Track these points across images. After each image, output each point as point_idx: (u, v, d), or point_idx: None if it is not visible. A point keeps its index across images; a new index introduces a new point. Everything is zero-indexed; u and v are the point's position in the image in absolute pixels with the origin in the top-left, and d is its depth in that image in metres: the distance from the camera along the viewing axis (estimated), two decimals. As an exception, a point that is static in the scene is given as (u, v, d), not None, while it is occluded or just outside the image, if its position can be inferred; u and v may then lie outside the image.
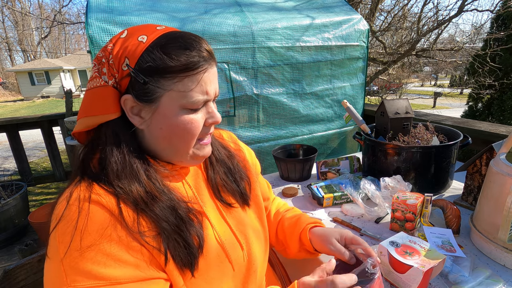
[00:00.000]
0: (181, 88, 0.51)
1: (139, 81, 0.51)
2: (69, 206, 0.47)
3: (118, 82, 0.52)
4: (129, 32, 0.53)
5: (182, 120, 0.53)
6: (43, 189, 3.94)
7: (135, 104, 0.53)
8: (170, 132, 0.54)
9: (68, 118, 2.74)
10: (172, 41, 0.51)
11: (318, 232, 0.74)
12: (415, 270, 0.68)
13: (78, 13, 31.80)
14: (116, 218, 0.48)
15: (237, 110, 1.75)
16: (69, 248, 0.44)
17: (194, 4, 1.73)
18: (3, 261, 2.28)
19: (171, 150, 0.57)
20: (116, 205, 0.49)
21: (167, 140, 0.55)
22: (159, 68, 0.50)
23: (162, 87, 0.51)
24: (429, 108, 13.05)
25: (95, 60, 0.54)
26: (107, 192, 0.50)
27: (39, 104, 17.68)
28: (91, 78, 0.54)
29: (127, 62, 0.51)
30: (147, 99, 0.52)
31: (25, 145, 3.20)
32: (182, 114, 0.53)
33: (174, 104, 0.52)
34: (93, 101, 0.53)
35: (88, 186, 0.50)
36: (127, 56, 0.51)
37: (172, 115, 0.53)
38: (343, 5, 2.14)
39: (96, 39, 1.36)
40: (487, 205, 0.86)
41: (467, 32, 5.85)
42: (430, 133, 1.25)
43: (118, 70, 0.52)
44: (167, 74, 0.50)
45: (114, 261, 0.45)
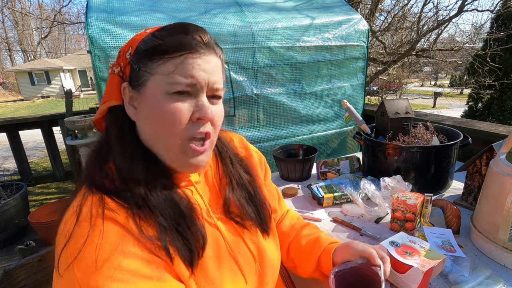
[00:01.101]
0: (164, 70, 0.48)
1: (134, 67, 0.51)
2: (79, 223, 0.45)
3: (122, 71, 0.53)
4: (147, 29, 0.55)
5: (165, 107, 0.49)
6: (43, 189, 3.94)
7: (130, 92, 0.52)
8: (155, 122, 0.50)
9: (68, 118, 2.74)
10: (167, 27, 0.51)
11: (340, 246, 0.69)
12: (415, 270, 0.68)
13: (78, 13, 31.83)
14: (132, 234, 0.46)
15: (237, 110, 1.75)
16: (84, 266, 0.42)
17: (194, 4, 1.73)
18: (3, 261, 2.28)
19: (161, 147, 0.52)
20: (131, 219, 0.47)
21: (154, 133, 0.51)
22: (147, 50, 0.50)
23: (148, 71, 0.49)
24: (429, 108, 13.06)
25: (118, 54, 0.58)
26: (120, 207, 0.48)
27: (39, 104, 17.68)
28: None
29: (130, 51, 0.52)
30: (136, 84, 0.51)
31: (25, 145, 3.20)
32: (166, 101, 0.49)
33: (158, 89, 0.49)
34: (106, 88, 0.56)
35: (99, 201, 0.47)
36: (131, 45, 0.52)
37: (157, 102, 0.49)
38: (343, 5, 2.14)
39: (96, 39, 1.36)
40: (487, 205, 0.86)
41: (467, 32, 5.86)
42: (430, 133, 1.25)
43: (123, 59, 0.53)
44: (153, 56, 0.49)
45: (132, 276, 0.44)
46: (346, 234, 0.99)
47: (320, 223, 1.08)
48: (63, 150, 3.90)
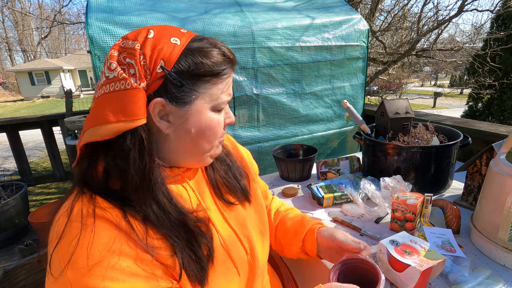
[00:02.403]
0: (215, 91, 0.53)
1: (175, 84, 0.49)
2: (70, 222, 0.45)
3: (148, 85, 0.49)
4: (155, 32, 0.50)
5: (211, 121, 0.54)
6: (43, 189, 3.94)
7: (164, 107, 0.50)
8: (199, 134, 0.54)
9: (68, 118, 2.74)
10: (208, 46, 0.51)
11: (325, 230, 0.76)
12: (412, 269, 0.68)
13: (78, 13, 31.83)
14: (124, 232, 0.46)
15: (237, 110, 1.75)
16: (76, 266, 0.42)
17: (194, 4, 1.73)
18: (3, 261, 2.28)
19: (194, 152, 0.57)
20: (123, 218, 0.47)
21: (193, 143, 0.55)
22: (199, 71, 0.50)
23: (197, 90, 0.51)
24: (429, 108, 13.06)
25: (113, 59, 0.48)
26: (112, 205, 0.48)
27: (39, 104, 17.68)
28: (111, 79, 0.48)
29: (162, 65, 0.48)
30: (181, 102, 0.50)
31: (25, 145, 3.20)
32: (211, 115, 0.54)
33: (205, 107, 0.53)
34: (119, 105, 0.47)
35: (90, 200, 0.47)
36: (163, 58, 0.48)
37: (203, 118, 0.53)
38: (343, 5, 2.14)
39: (96, 39, 1.36)
40: (487, 205, 0.86)
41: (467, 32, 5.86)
42: (430, 133, 1.25)
43: (152, 73, 0.48)
44: (205, 77, 0.51)
45: (125, 275, 0.44)
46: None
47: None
48: (63, 150, 3.91)
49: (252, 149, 1.82)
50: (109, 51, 0.50)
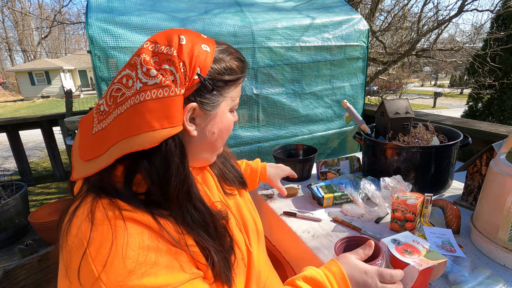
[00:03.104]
0: (234, 94, 0.58)
1: (208, 89, 0.53)
2: (95, 227, 0.43)
3: (186, 91, 0.50)
4: (187, 39, 0.51)
5: (228, 122, 0.60)
6: (43, 189, 3.95)
7: (194, 111, 0.53)
8: (219, 134, 0.59)
9: (68, 118, 2.74)
10: (230, 53, 0.56)
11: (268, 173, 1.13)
12: (411, 268, 0.68)
13: (78, 13, 31.84)
14: (156, 231, 0.46)
15: (236, 110, 1.75)
16: (113, 270, 0.40)
17: (194, 4, 1.73)
18: (3, 261, 2.28)
19: (210, 151, 0.61)
20: (152, 218, 0.46)
21: (214, 143, 0.59)
22: (226, 77, 0.54)
23: (223, 94, 0.56)
24: (429, 108, 13.05)
25: (149, 65, 0.47)
26: (136, 208, 0.46)
27: (39, 104, 17.68)
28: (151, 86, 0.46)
29: (198, 71, 0.50)
30: (211, 106, 0.55)
31: (25, 145, 3.20)
32: (229, 117, 0.60)
33: (226, 109, 0.58)
34: (164, 112, 0.46)
35: (112, 204, 0.45)
36: (199, 65, 0.50)
37: (224, 119, 0.58)
38: (343, 5, 2.14)
39: (96, 39, 1.36)
40: (487, 205, 0.86)
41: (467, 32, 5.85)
42: (430, 133, 1.25)
43: (190, 79, 0.50)
44: (230, 82, 0.56)
45: (165, 269, 0.44)
46: (346, 234, 0.99)
47: (320, 223, 1.08)
48: (63, 150, 3.91)
49: (252, 149, 1.82)
50: (139, 55, 0.48)
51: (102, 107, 0.50)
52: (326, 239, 0.98)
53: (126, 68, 0.50)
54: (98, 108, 0.51)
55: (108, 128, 0.48)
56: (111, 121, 0.48)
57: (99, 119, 0.50)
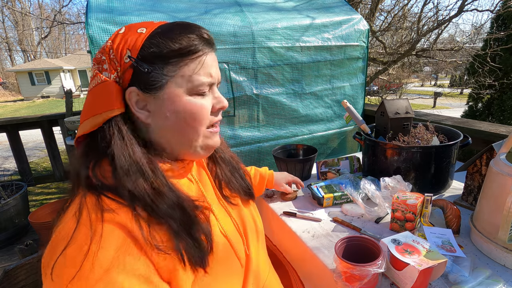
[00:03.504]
0: (186, 72, 0.52)
1: (142, 71, 0.50)
2: (79, 226, 0.44)
3: (120, 76, 0.51)
4: (127, 27, 0.53)
5: (190, 105, 0.53)
6: (43, 189, 3.94)
7: (140, 96, 0.52)
8: (177, 119, 0.53)
9: (68, 118, 2.74)
10: (172, 28, 0.52)
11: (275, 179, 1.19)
12: (410, 268, 0.68)
13: (78, 13, 31.84)
14: (132, 236, 0.45)
15: (237, 110, 1.75)
16: (84, 276, 0.41)
17: (194, 4, 1.73)
18: (3, 261, 2.28)
19: (180, 140, 0.55)
20: (132, 218, 0.46)
21: (175, 129, 0.54)
22: (163, 53, 0.50)
23: (167, 74, 0.51)
24: (429, 108, 13.05)
25: (94, 60, 0.53)
26: (120, 205, 0.47)
27: (39, 104, 17.68)
28: (91, 78, 0.53)
29: (128, 54, 0.50)
30: (153, 88, 0.51)
31: (25, 145, 3.20)
32: (190, 99, 0.53)
33: (180, 90, 0.52)
34: (96, 99, 0.51)
35: (97, 203, 0.46)
36: (128, 48, 0.50)
37: (179, 101, 0.52)
38: (343, 5, 2.14)
39: (96, 39, 1.36)
40: (487, 205, 0.86)
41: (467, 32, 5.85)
42: (430, 133, 1.25)
43: (120, 63, 0.50)
44: (171, 59, 0.50)
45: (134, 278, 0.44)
46: (346, 234, 0.99)
47: (320, 223, 1.08)
48: (63, 150, 3.90)
49: (252, 149, 1.82)
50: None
51: None
52: (326, 239, 0.98)
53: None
54: None
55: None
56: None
57: None
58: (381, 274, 0.77)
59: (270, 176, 1.17)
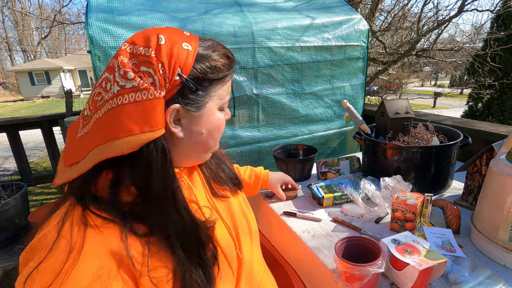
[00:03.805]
0: (222, 93, 0.56)
1: (190, 89, 0.50)
2: (59, 238, 0.42)
3: (166, 93, 0.48)
4: (166, 38, 0.48)
5: (218, 121, 0.57)
6: (43, 189, 3.94)
7: (178, 113, 0.51)
8: (209, 134, 0.56)
9: (68, 118, 2.74)
10: (215, 50, 0.53)
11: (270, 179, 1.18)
12: (410, 268, 0.68)
13: (78, 13, 31.84)
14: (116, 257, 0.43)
15: (236, 110, 1.75)
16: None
17: (194, 4, 1.73)
18: (3, 261, 2.28)
19: (201, 151, 0.59)
20: (119, 238, 0.44)
21: (203, 143, 0.57)
22: (211, 76, 0.52)
23: (209, 94, 0.53)
24: (429, 108, 13.05)
25: (127, 68, 0.46)
26: (107, 221, 0.44)
27: (39, 104, 17.68)
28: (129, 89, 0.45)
29: (179, 72, 0.48)
30: (196, 106, 0.52)
31: (25, 145, 3.20)
32: (218, 115, 0.57)
33: (214, 108, 0.55)
34: (143, 116, 0.45)
35: (83, 216, 0.44)
36: (180, 66, 0.48)
37: (212, 119, 0.56)
38: (343, 5, 2.14)
39: (96, 39, 1.36)
40: (487, 205, 0.86)
41: (467, 32, 5.85)
42: (430, 133, 1.25)
43: (171, 80, 0.47)
44: (216, 80, 0.53)
45: None
46: (346, 234, 0.99)
47: (320, 223, 1.08)
48: (63, 150, 3.90)
49: (252, 149, 1.82)
50: (117, 57, 0.47)
51: (86, 111, 0.49)
52: (326, 239, 0.98)
53: (105, 72, 0.48)
54: (83, 112, 0.50)
55: (89, 132, 0.47)
56: (91, 126, 0.46)
57: (83, 124, 0.49)
58: (381, 274, 0.77)
59: (265, 176, 1.16)
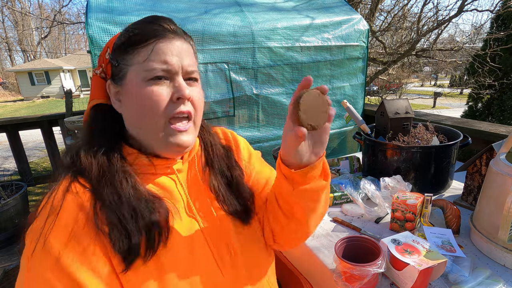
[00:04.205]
0: (139, 59, 0.52)
1: (113, 64, 0.54)
2: (46, 205, 0.49)
3: (104, 71, 0.57)
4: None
5: (145, 92, 0.52)
6: (43, 189, 3.94)
7: (115, 89, 0.56)
8: (137, 109, 0.53)
9: (68, 118, 2.74)
10: (136, 21, 0.55)
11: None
12: (410, 268, 0.68)
13: (78, 13, 31.86)
14: (85, 217, 0.48)
15: (236, 110, 1.75)
16: (34, 250, 0.46)
17: (194, 4, 1.73)
18: (3, 261, 2.28)
19: (143, 132, 0.55)
20: (90, 203, 0.49)
21: (137, 120, 0.54)
22: (121, 44, 0.54)
23: (126, 63, 0.53)
24: (429, 108, 13.05)
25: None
26: (85, 190, 0.50)
27: (39, 104, 17.68)
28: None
29: (108, 51, 0.55)
30: (118, 78, 0.55)
31: (25, 145, 3.20)
32: (145, 86, 0.52)
33: (137, 78, 0.52)
34: (90, 92, 0.60)
35: (68, 184, 0.51)
36: (109, 45, 0.56)
37: (137, 90, 0.52)
38: (343, 5, 2.14)
39: (96, 39, 1.36)
40: (487, 205, 0.86)
41: (467, 32, 5.85)
42: (430, 133, 1.25)
43: (104, 59, 0.57)
44: (127, 48, 0.53)
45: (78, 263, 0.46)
46: (346, 234, 0.99)
47: (320, 223, 1.08)
48: (63, 150, 3.89)
49: (252, 149, 1.82)
50: None
51: None
52: (326, 239, 0.98)
53: None
54: None
55: None
56: None
57: None
58: (381, 274, 0.77)
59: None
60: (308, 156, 0.56)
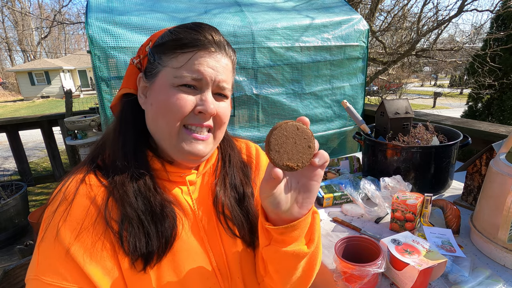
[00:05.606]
0: (175, 64, 0.51)
1: (149, 59, 0.54)
2: (59, 194, 0.50)
3: (141, 62, 0.57)
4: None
5: (169, 95, 0.51)
6: (43, 189, 3.94)
7: (144, 83, 0.56)
8: (157, 109, 0.52)
9: (68, 118, 2.74)
10: (184, 24, 0.54)
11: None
12: (410, 268, 0.68)
13: (78, 13, 31.87)
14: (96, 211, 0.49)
15: (236, 110, 1.75)
16: (44, 238, 0.47)
17: (194, 4, 1.73)
18: (3, 261, 2.28)
19: (159, 133, 0.54)
20: (103, 198, 0.50)
21: (155, 119, 0.53)
22: (162, 44, 0.53)
23: (161, 63, 0.53)
24: (429, 108, 13.05)
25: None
26: (100, 185, 0.51)
27: (39, 104, 17.68)
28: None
29: (149, 45, 0.56)
30: (150, 75, 0.54)
31: (25, 145, 3.20)
32: (172, 91, 0.51)
33: (166, 80, 0.52)
34: (124, 78, 0.60)
35: (84, 175, 0.52)
36: (151, 39, 0.56)
37: (162, 91, 0.52)
38: (343, 5, 2.14)
39: (96, 39, 1.36)
40: (487, 205, 0.86)
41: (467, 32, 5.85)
42: (430, 133, 1.25)
43: (143, 51, 0.57)
44: (167, 50, 0.52)
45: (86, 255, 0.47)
46: (346, 234, 0.99)
47: (320, 223, 1.08)
48: (63, 150, 3.90)
49: (252, 149, 1.83)
50: None
51: None
52: (326, 239, 0.98)
53: None
54: None
55: None
56: None
57: None
58: (381, 274, 0.77)
59: None
60: (288, 207, 0.45)
